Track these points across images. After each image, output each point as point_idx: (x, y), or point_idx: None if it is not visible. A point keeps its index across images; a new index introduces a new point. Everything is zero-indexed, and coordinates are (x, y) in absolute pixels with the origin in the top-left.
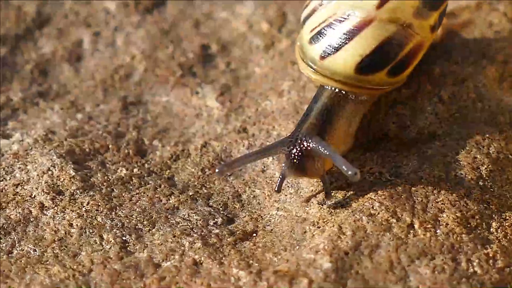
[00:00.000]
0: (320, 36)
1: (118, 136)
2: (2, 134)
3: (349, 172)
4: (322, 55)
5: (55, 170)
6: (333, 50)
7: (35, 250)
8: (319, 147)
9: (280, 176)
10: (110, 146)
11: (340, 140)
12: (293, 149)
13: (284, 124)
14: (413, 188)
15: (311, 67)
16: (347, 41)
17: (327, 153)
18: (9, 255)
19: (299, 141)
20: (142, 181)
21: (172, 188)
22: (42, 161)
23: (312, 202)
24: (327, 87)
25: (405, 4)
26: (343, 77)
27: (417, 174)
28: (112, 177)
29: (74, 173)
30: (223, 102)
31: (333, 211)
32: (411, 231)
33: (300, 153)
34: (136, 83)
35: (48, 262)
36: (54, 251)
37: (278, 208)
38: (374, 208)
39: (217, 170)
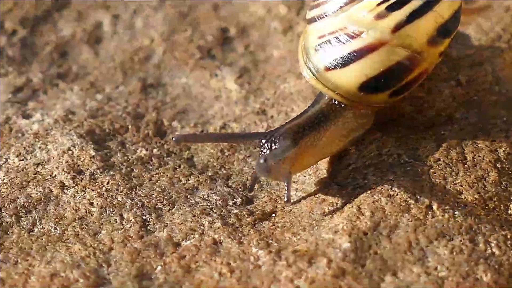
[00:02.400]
0: (328, 47)
1: (137, 117)
2: (22, 114)
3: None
4: (328, 67)
5: (76, 150)
6: (339, 64)
7: (55, 229)
8: (278, 152)
9: (253, 175)
10: (129, 126)
11: (326, 145)
12: (262, 146)
13: (302, 106)
14: (431, 170)
15: (313, 74)
16: (356, 59)
17: (278, 150)
18: (30, 233)
19: (271, 140)
20: (161, 161)
21: (192, 169)
22: (63, 141)
23: (331, 183)
24: (326, 96)
25: (420, 32)
26: (344, 92)
27: (435, 156)
28: (131, 157)
29: (94, 153)
30: (241, 84)
31: (352, 192)
32: (430, 212)
33: (267, 152)
34: (155, 65)
35: (68, 240)
36: (75, 230)
37: (297, 189)
38: (393, 189)
39: (174, 138)
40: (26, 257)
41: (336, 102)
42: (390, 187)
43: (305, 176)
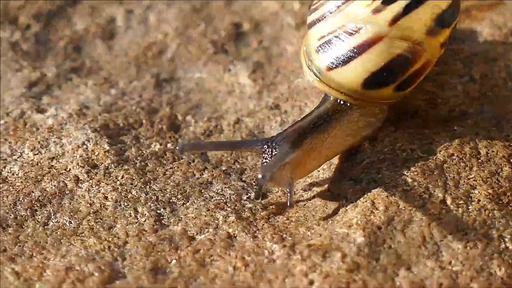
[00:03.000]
0: (329, 46)
1: (151, 111)
2: (37, 109)
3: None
4: (330, 66)
5: (90, 144)
6: (341, 62)
7: (70, 222)
8: (275, 160)
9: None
10: (143, 121)
11: (330, 148)
12: (264, 153)
13: (316, 101)
14: (445, 165)
15: (316, 76)
16: (356, 55)
17: (275, 159)
18: (45, 227)
19: (273, 146)
20: (175, 155)
21: (206, 163)
22: (77, 135)
23: (345, 178)
24: (331, 96)
25: (418, 23)
26: (348, 90)
27: (448, 151)
28: (146, 151)
29: (108, 147)
30: (255, 79)
31: (366, 186)
32: (444, 207)
33: (269, 159)
34: (169, 60)
35: (83, 234)
36: (90, 224)
37: (310, 183)
38: (407, 184)
39: (178, 147)
40: (41, 250)
41: (342, 102)
42: (404, 182)
43: (319, 171)
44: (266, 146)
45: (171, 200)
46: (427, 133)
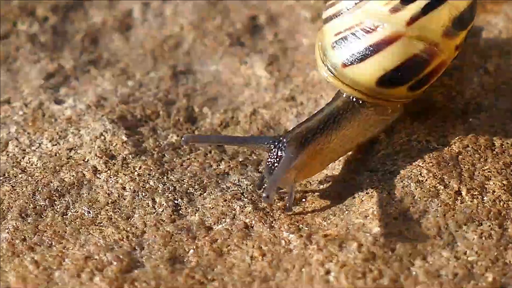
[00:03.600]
0: (345, 43)
1: (168, 103)
2: (55, 100)
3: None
4: (345, 63)
5: (108, 135)
6: (356, 60)
7: (89, 212)
8: (280, 166)
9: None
10: (160, 112)
11: (338, 147)
12: (271, 152)
13: (331, 94)
14: (460, 156)
15: (331, 72)
16: (372, 53)
17: (278, 171)
18: (64, 216)
19: (279, 147)
20: (192, 147)
21: (222, 154)
22: (95, 126)
23: (361, 169)
24: (344, 94)
25: (435, 23)
26: (362, 87)
27: (463, 142)
28: (163, 142)
29: (126, 138)
30: (271, 72)
31: (381, 177)
32: (459, 198)
33: (274, 159)
34: (185, 52)
35: (102, 224)
36: (108, 213)
37: (326, 174)
38: (422, 175)
39: (183, 138)
40: (60, 240)
41: (354, 99)
42: (419, 173)
43: (335, 162)
44: (272, 145)
45: (188, 191)
46: (442, 125)
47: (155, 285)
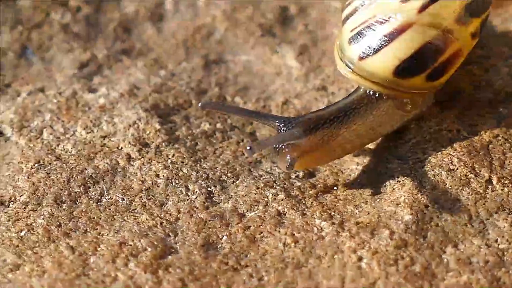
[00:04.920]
0: (360, 37)
1: (200, 92)
2: (88, 89)
3: (248, 146)
4: (361, 56)
5: (141, 123)
6: (372, 51)
7: (123, 199)
8: (279, 136)
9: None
10: (193, 101)
11: (345, 143)
12: (278, 130)
13: None
14: (490, 145)
15: (349, 67)
16: (386, 43)
17: (276, 137)
18: (98, 203)
19: (287, 126)
20: (225, 135)
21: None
22: (128, 115)
23: (392, 157)
24: (362, 88)
25: (446, 10)
26: (380, 79)
27: (494, 132)
28: (196, 131)
29: (159, 127)
30: (302, 62)
31: (412, 166)
32: (489, 186)
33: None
34: (217, 42)
35: (136, 211)
36: (142, 200)
37: (357, 163)
38: (453, 163)
39: (200, 103)
40: (95, 226)
41: (371, 93)
42: (450, 161)
43: (365, 151)
44: (282, 124)
45: (221, 178)
46: (472, 115)
47: (189, 270)
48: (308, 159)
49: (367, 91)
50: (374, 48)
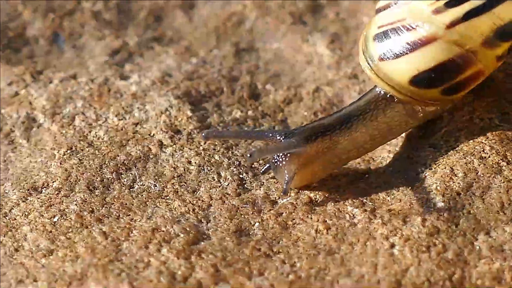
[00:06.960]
0: (385, 37)
1: (232, 79)
2: (120, 76)
3: (248, 154)
4: (381, 57)
5: (173, 110)
6: (393, 55)
7: (155, 185)
8: (279, 144)
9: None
10: (224, 89)
11: (346, 152)
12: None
13: None
14: None
15: (369, 64)
16: (408, 52)
17: (275, 146)
18: (130, 189)
19: (288, 137)
20: (256, 122)
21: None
22: (160, 102)
23: (424, 145)
24: (377, 89)
25: (475, 32)
26: (396, 84)
27: None
28: (227, 118)
29: (191, 114)
30: (333, 50)
31: (444, 154)
32: None
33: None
34: (248, 30)
35: (168, 197)
36: (174, 187)
37: (389, 150)
38: (485, 151)
39: (202, 134)
40: (127, 212)
41: (383, 93)
42: (482, 149)
43: (397, 139)
44: (282, 138)
45: (253, 165)
46: (504, 103)
47: (221, 256)
48: (306, 173)
49: (379, 92)
50: (395, 53)
